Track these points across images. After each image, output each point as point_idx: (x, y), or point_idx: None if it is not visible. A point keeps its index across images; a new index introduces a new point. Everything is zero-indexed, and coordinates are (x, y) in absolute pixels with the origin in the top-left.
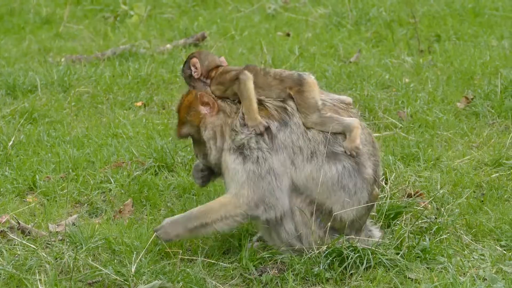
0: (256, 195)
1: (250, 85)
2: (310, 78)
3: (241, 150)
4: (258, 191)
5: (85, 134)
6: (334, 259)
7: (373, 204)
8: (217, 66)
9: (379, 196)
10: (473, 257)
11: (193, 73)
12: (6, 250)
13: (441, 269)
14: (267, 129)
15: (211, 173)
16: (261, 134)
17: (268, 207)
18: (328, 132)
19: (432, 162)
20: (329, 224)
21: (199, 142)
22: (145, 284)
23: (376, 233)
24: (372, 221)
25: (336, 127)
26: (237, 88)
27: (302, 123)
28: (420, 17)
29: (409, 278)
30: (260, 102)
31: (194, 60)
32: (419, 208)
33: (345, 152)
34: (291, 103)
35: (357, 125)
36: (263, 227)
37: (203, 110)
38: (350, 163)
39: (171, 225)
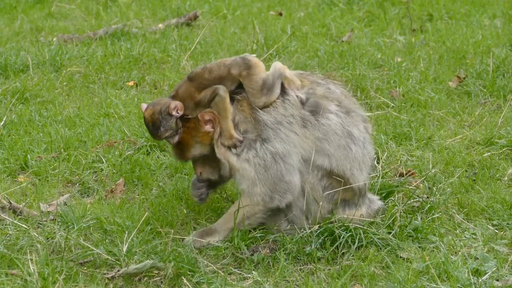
0: (267, 188)
1: (227, 102)
2: (254, 59)
3: (240, 148)
4: (268, 183)
5: (77, 113)
6: (326, 239)
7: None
8: None
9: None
10: (465, 236)
11: (178, 114)
12: None
13: (433, 248)
14: (256, 119)
15: (209, 187)
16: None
17: (282, 193)
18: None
19: (424, 141)
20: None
21: (210, 159)
22: (137, 264)
23: (376, 200)
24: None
25: (278, 83)
26: (215, 104)
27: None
28: None
29: (400, 257)
30: (241, 99)
31: (173, 104)
32: (411, 187)
33: (294, 92)
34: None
35: (282, 65)
36: None
37: (209, 128)
38: (340, 110)
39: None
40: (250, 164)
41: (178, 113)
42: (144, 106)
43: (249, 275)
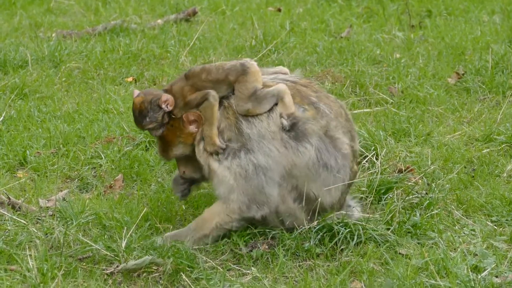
0: (245, 196)
1: (215, 109)
2: (254, 67)
3: (223, 155)
4: (247, 192)
5: (76, 109)
6: (325, 235)
7: (352, 182)
8: None
9: (369, 171)
10: (464, 233)
11: (167, 108)
12: None
13: (432, 244)
14: (239, 130)
15: (191, 183)
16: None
17: (260, 204)
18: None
19: (423, 138)
20: (315, 207)
21: (192, 158)
22: (136, 260)
23: (355, 211)
24: (350, 196)
25: (271, 101)
26: (203, 108)
27: (236, 110)
28: None
29: (399, 253)
30: (228, 106)
31: (164, 97)
32: (410, 183)
33: (281, 117)
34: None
35: (286, 90)
36: None
37: (193, 128)
38: (323, 138)
39: (173, 240)
40: (230, 172)
41: (167, 107)
42: (136, 92)
43: (248, 271)
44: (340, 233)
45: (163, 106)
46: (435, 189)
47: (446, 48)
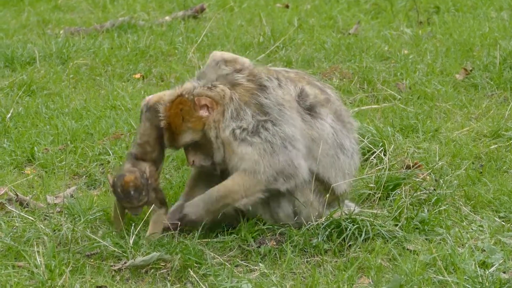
0: (273, 169)
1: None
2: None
3: (246, 134)
4: (275, 165)
5: (84, 106)
6: (333, 231)
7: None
8: None
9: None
10: (472, 228)
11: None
12: (4, 222)
13: (440, 240)
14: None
15: None
16: None
17: (287, 177)
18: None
19: (431, 134)
20: (327, 196)
21: (202, 145)
22: (144, 256)
23: (352, 206)
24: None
25: (211, 69)
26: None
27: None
28: None
29: (407, 249)
30: (235, 83)
31: (147, 170)
32: (418, 179)
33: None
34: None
35: (219, 52)
36: (260, 204)
37: (204, 113)
38: (335, 121)
39: (193, 209)
40: (254, 148)
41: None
42: (110, 177)
43: (255, 267)
44: (348, 229)
45: (150, 180)
46: (443, 185)
47: (454, 44)
